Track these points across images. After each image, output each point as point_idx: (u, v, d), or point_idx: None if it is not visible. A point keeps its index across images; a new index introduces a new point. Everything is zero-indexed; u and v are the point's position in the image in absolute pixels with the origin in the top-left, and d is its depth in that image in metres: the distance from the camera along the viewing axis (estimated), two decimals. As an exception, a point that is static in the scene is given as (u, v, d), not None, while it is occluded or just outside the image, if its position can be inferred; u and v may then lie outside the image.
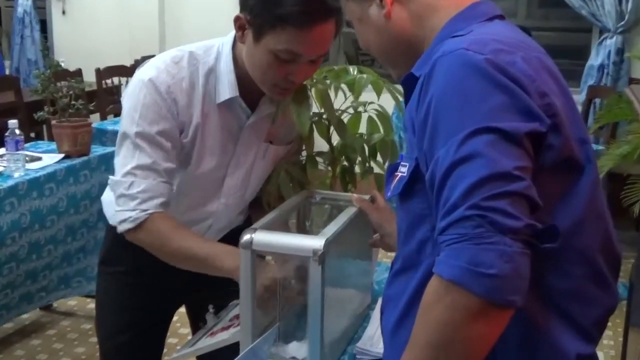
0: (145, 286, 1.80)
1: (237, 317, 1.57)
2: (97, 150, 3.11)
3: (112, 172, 1.57)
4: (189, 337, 1.74)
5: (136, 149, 1.52)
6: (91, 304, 3.68)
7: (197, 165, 1.61)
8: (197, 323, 1.73)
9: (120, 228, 1.54)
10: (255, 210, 1.80)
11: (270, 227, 1.43)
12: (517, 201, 0.92)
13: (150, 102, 1.52)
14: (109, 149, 3.14)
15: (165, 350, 1.94)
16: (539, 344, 1.02)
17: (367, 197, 1.63)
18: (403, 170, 1.10)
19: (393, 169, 1.16)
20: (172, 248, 1.52)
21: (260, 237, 1.36)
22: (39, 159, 2.90)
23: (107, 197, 1.79)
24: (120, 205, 1.54)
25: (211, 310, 1.62)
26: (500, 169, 0.92)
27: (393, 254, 1.24)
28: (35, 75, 2.95)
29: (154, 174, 1.53)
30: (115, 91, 5.71)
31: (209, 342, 1.53)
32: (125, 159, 1.53)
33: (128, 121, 1.53)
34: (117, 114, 5.29)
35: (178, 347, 2.79)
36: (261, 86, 1.54)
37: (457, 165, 0.94)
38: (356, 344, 1.54)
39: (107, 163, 3.05)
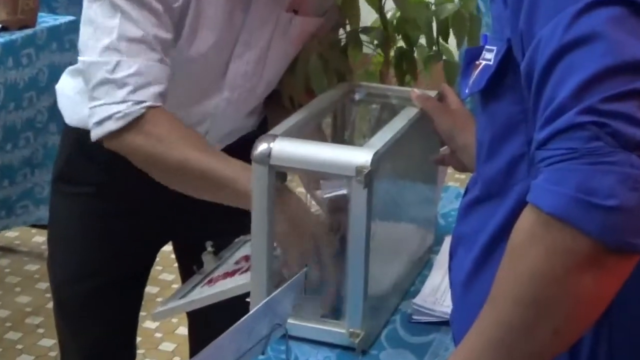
0: (119, 214, 1.81)
1: (245, 258, 1.61)
2: (46, 20, 3.10)
3: (70, 52, 1.55)
4: (176, 286, 1.77)
5: (116, 12, 1.51)
6: (39, 237, 3.76)
7: (190, 42, 1.61)
8: (187, 266, 1.76)
9: (99, 131, 1.53)
10: (273, 110, 1.81)
11: (295, 133, 1.44)
12: (651, 104, 0.93)
13: None
14: (62, 19, 3.13)
15: (143, 302, 1.98)
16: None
17: (432, 93, 1.61)
18: (489, 57, 1.10)
19: (473, 54, 1.15)
20: (177, 161, 1.51)
21: (281, 147, 1.36)
22: (-36, 31, 2.91)
23: (65, 86, 1.81)
24: (101, 96, 1.52)
25: (210, 248, 1.64)
26: (629, 57, 0.92)
27: (467, 176, 1.24)
28: None
29: (147, 49, 1.52)
30: None
31: (207, 292, 1.55)
32: (101, 29, 1.53)
33: None
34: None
35: (161, 300, 2.87)
36: None
37: (566, 50, 0.94)
38: (413, 299, 1.55)
39: (60, 39, 3.03)
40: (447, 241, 1.57)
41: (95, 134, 1.54)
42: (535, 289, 0.95)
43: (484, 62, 1.12)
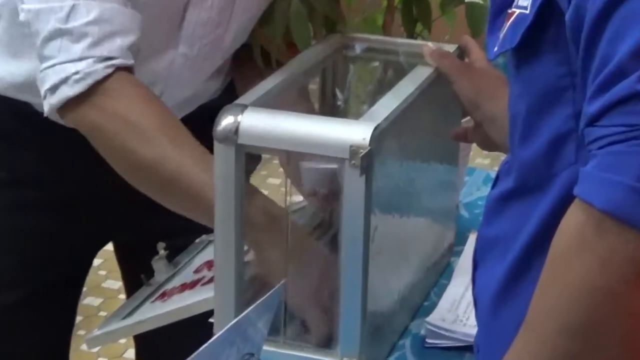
0: (43, 206, 1.80)
1: (208, 265, 1.59)
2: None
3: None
4: (122, 297, 1.78)
5: None
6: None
7: None
8: (133, 275, 1.77)
9: (54, 100, 1.50)
10: (242, 72, 1.82)
11: (271, 102, 1.41)
12: None
13: None
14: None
15: (79, 318, 2.01)
16: None
17: (452, 47, 1.61)
18: (524, 4, 1.11)
19: (504, 1, 1.17)
20: (143, 154, 1.48)
21: (252, 121, 1.33)
22: None
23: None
24: (54, 53, 1.50)
25: (162, 252, 1.64)
26: None
27: (498, 155, 1.22)
28: None
29: None
30: None
31: (159, 310, 1.54)
32: None
33: None
34: None
35: (105, 314, 2.85)
36: None
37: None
38: (427, 317, 1.55)
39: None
40: (472, 239, 1.57)
41: (50, 106, 1.51)
42: (584, 309, 0.96)
43: (517, 11, 1.12)
